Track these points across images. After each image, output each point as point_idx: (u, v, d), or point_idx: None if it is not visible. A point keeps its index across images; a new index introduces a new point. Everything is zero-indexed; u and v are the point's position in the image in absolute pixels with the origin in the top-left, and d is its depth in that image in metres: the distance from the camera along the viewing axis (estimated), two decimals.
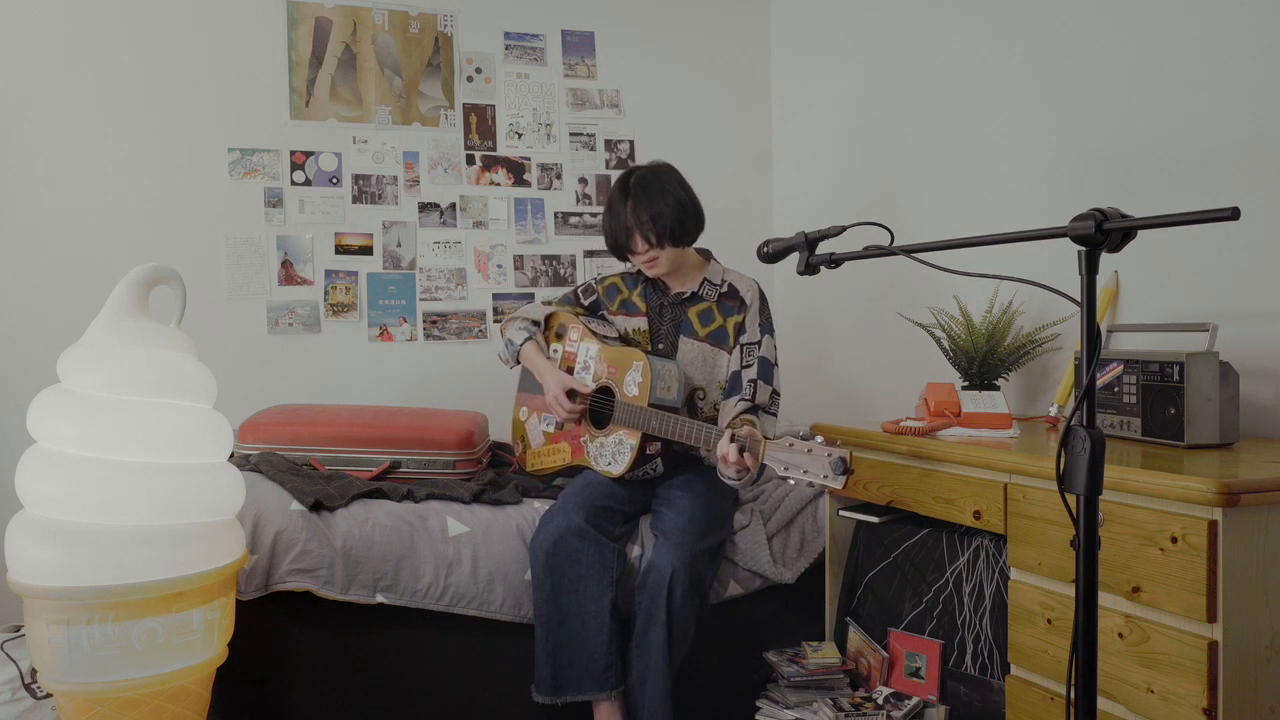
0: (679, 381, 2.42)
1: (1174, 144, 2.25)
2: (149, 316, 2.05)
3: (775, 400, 2.48)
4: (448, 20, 3.39)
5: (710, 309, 2.53)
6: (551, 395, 2.50)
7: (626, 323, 2.60)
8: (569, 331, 2.63)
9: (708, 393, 2.51)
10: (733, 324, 2.51)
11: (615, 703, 2.29)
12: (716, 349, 2.51)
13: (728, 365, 2.50)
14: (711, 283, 2.55)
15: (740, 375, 2.47)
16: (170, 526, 1.90)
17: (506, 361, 2.67)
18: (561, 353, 2.63)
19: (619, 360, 2.46)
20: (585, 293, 2.70)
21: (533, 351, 2.59)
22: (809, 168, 3.59)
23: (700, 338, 2.52)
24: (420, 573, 2.31)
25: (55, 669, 1.85)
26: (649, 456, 2.42)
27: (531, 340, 2.61)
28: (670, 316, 2.57)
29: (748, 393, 2.44)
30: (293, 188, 3.22)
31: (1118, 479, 1.65)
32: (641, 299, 2.59)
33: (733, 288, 2.55)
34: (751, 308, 2.52)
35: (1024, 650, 1.90)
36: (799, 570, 2.54)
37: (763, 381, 2.46)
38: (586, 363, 2.55)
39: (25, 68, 2.96)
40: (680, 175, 2.54)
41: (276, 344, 3.21)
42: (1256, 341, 2.07)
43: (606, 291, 2.66)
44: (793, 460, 1.98)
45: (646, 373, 2.37)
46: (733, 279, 2.56)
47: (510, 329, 2.66)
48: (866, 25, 3.26)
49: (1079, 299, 1.23)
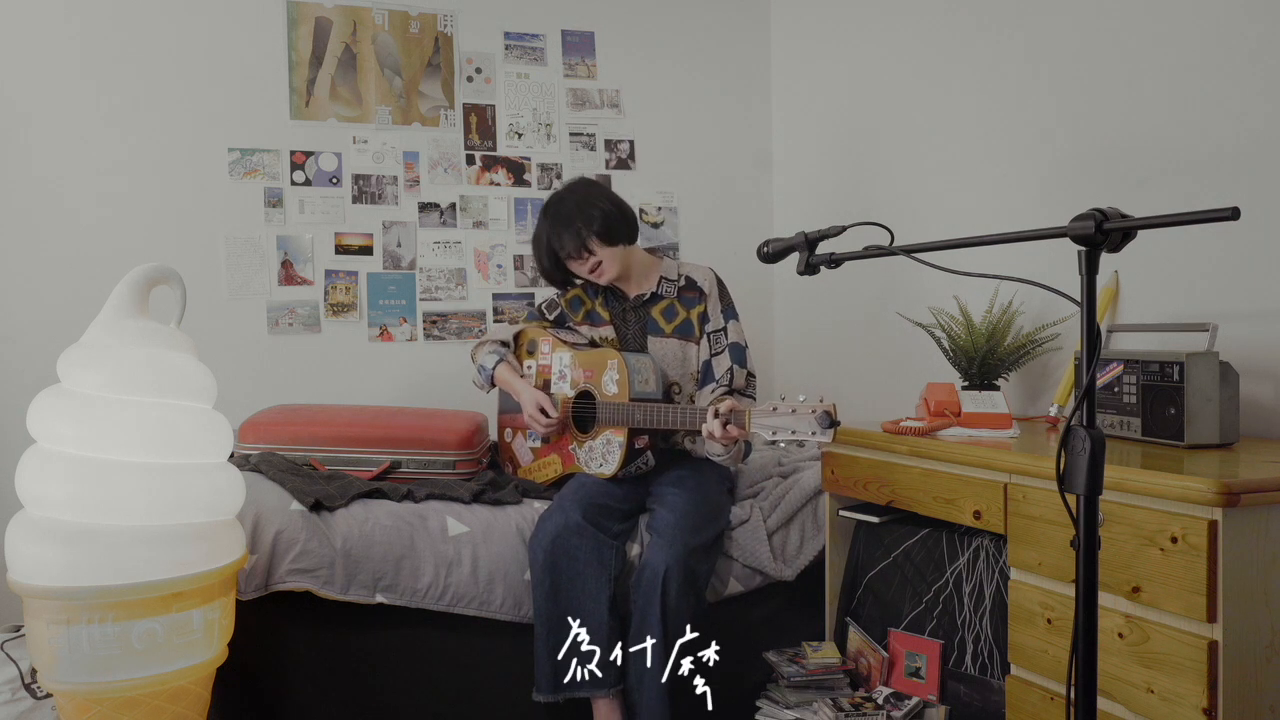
0: (655, 373, 2.45)
1: (1174, 144, 2.25)
2: (149, 316, 2.05)
3: (752, 382, 2.52)
4: (448, 20, 3.39)
5: (672, 305, 2.57)
6: (528, 415, 2.54)
7: (593, 331, 2.64)
8: (540, 345, 2.66)
9: (683, 386, 2.54)
10: (695, 314, 2.55)
11: (614, 701, 2.29)
12: (685, 342, 2.55)
13: (698, 356, 2.53)
14: (668, 279, 2.59)
15: (711, 363, 2.52)
16: (170, 526, 1.90)
17: (481, 387, 2.70)
18: (536, 367, 2.66)
19: (593, 363, 2.49)
20: (549, 308, 2.74)
21: (506, 373, 2.62)
22: (809, 168, 3.59)
23: (667, 334, 2.56)
24: (420, 573, 2.31)
25: (55, 669, 1.85)
26: (638, 451, 2.44)
27: (504, 362, 2.63)
28: (635, 320, 2.60)
29: (724, 379, 2.48)
30: (293, 188, 3.22)
31: (1118, 479, 1.65)
32: (604, 308, 2.63)
33: (689, 280, 2.59)
34: (711, 295, 2.56)
35: (1024, 650, 1.90)
36: (799, 568, 2.54)
37: (737, 366, 2.50)
38: (562, 372, 2.58)
39: (25, 68, 2.96)
40: (598, 182, 2.59)
41: (276, 344, 3.21)
42: (1256, 341, 2.07)
43: (570, 304, 2.69)
44: (779, 423, 2.00)
45: (622, 369, 2.39)
46: (688, 271, 2.61)
47: (480, 354, 2.69)
48: (866, 25, 3.26)
49: (1079, 299, 1.23)
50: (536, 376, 2.65)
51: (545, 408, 2.52)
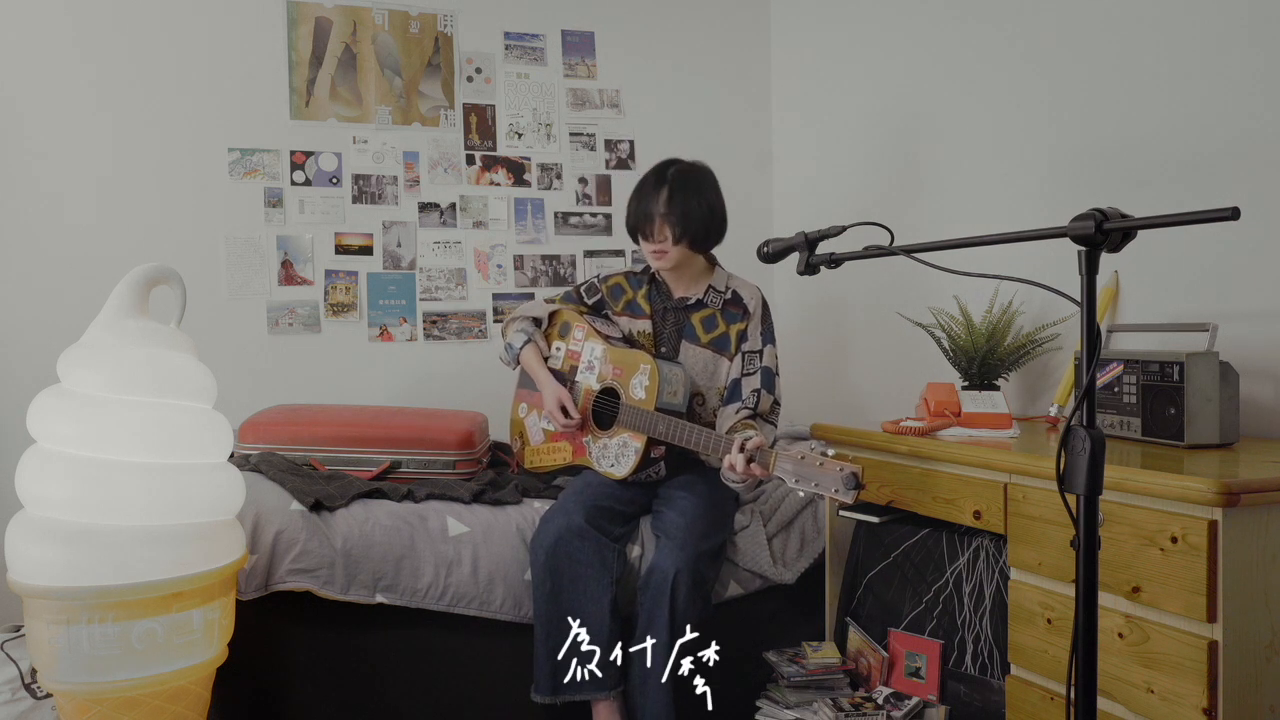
0: (685, 386, 2.41)
1: (1174, 144, 2.24)
2: (149, 316, 2.05)
3: (776, 409, 2.48)
4: (448, 20, 3.39)
5: (714, 315, 2.52)
6: (548, 409, 2.50)
7: (631, 324, 2.58)
8: (573, 330, 2.61)
9: (707, 399, 2.50)
10: (735, 331, 2.50)
11: (615, 703, 2.29)
12: (718, 355, 2.50)
13: (728, 372, 2.50)
14: (716, 289, 2.53)
15: (741, 383, 2.47)
16: (170, 526, 1.90)
17: (508, 364, 2.66)
18: (565, 351, 2.61)
19: (625, 362, 2.45)
20: (589, 291, 2.67)
21: (531, 357, 2.58)
22: (809, 168, 3.59)
23: (703, 344, 2.51)
24: (420, 573, 2.31)
25: (55, 669, 1.85)
26: (653, 460, 2.42)
27: (531, 343, 2.60)
28: (674, 321, 2.55)
29: (750, 401, 2.43)
30: (293, 188, 3.22)
31: (1118, 479, 1.65)
32: (646, 301, 2.57)
33: (736, 295, 2.53)
34: (754, 315, 2.51)
35: (1024, 650, 1.90)
36: (799, 570, 2.54)
37: (765, 390, 2.45)
38: (591, 362, 2.54)
39: (25, 68, 2.95)
40: (717, 182, 2.50)
41: (276, 344, 3.21)
42: (1256, 341, 2.07)
43: (611, 291, 2.64)
44: (803, 473, 1.96)
45: (654, 376, 2.36)
46: (737, 286, 2.55)
47: (510, 331, 2.65)
48: (867, 25, 3.26)
49: (1079, 299, 1.23)
50: (564, 361, 2.59)
51: (567, 407, 2.47)
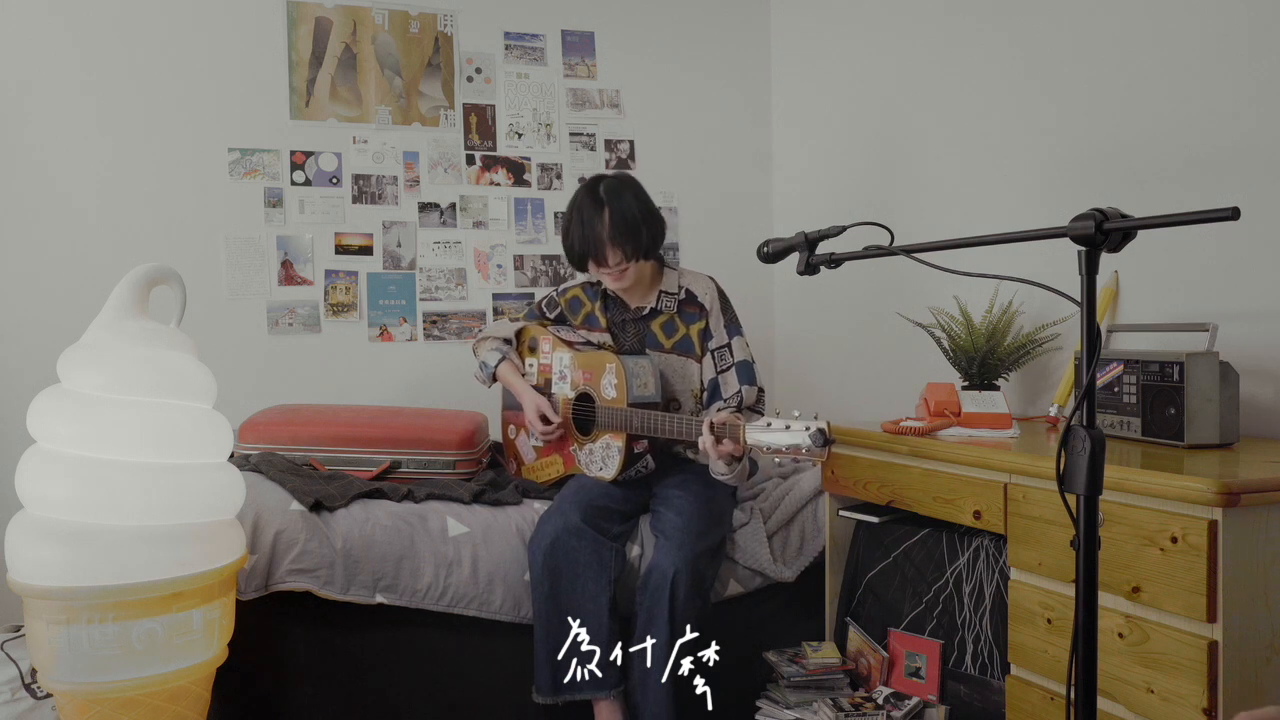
0: (655, 376, 2.43)
1: (1174, 144, 2.24)
2: (149, 316, 2.05)
3: (762, 398, 2.49)
4: (448, 20, 3.39)
5: (671, 319, 2.53)
6: (529, 419, 2.53)
7: (590, 337, 2.62)
8: (540, 344, 2.66)
9: (683, 403, 2.51)
10: (696, 331, 2.51)
11: (615, 702, 2.29)
12: (685, 358, 2.52)
13: (700, 373, 2.51)
14: (668, 293, 2.54)
15: (719, 381, 2.48)
16: (170, 526, 1.90)
17: (484, 382, 2.69)
18: (537, 365, 2.65)
19: (592, 365, 2.48)
20: (549, 306, 2.72)
21: (508, 372, 2.62)
22: (809, 168, 3.59)
23: (666, 349, 2.53)
24: (420, 573, 2.31)
25: (55, 669, 1.85)
26: (638, 455, 2.43)
27: (506, 360, 2.63)
28: (634, 332, 2.58)
29: (733, 400, 2.45)
30: (293, 188, 3.22)
31: (1118, 479, 1.65)
32: (603, 313, 2.60)
33: (690, 293, 2.53)
34: (713, 311, 2.52)
35: (1024, 650, 1.90)
36: (799, 569, 2.54)
37: (746, 386, 2.46)
38: (562, 372, 2.57)
39: (25, 68, 2.95)
40: (642, 187, 2.50)
41: (276, 344, 3.21)
42: (1256, 341, 2.07)
43: (569, 304, 2.67)
44: (773, 440, 2.00)
45: (620, 373, 2.38)
46: (689, 283, 2.55)
47: (482, 350, 2.68)
48: (866, 25, 3.26)
49: (1079, 299, 1.23)
50: (537, 375, 2.64)
51: (546, 414, 2.50)
